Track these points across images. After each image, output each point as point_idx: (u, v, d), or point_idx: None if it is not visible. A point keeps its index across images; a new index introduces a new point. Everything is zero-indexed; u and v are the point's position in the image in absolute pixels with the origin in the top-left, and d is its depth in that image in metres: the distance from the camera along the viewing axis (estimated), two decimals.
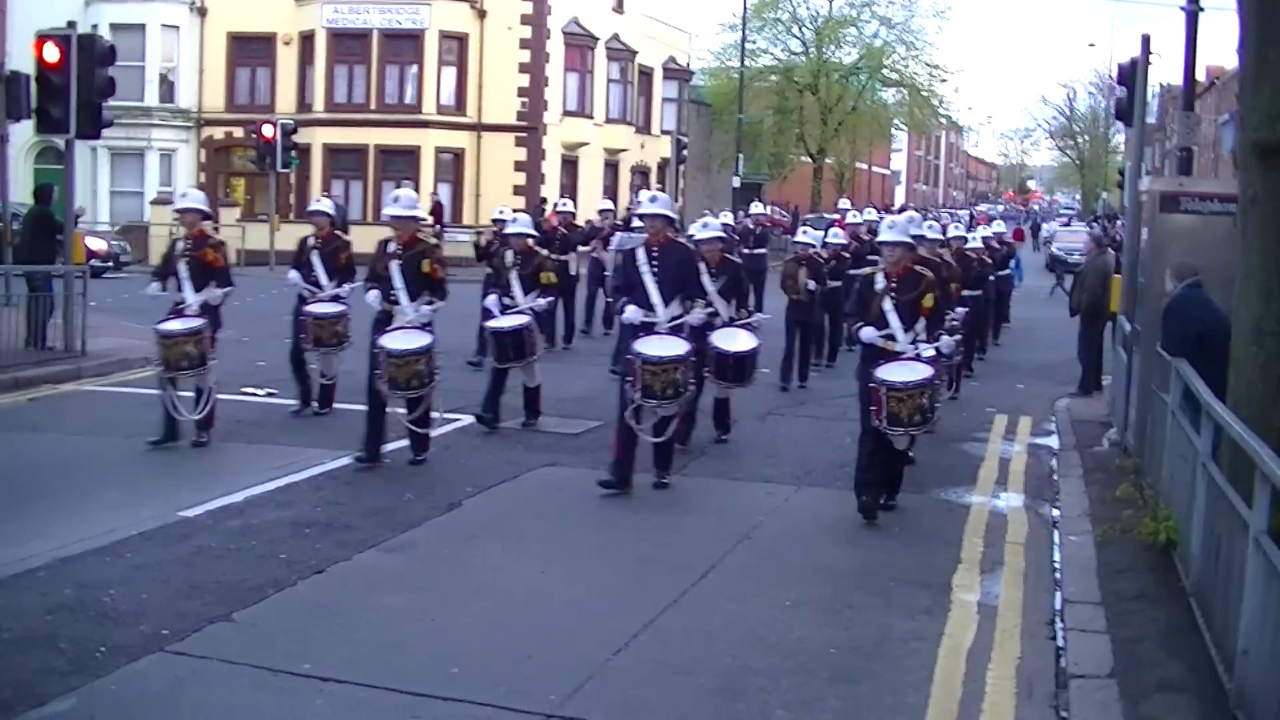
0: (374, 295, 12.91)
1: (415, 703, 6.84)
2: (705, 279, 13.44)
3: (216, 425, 13.66)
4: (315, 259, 15.38)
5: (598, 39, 50.99)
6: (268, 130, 35.50)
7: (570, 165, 50.34)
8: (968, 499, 12.16)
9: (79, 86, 18.33)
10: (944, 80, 67.64)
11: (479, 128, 47.73)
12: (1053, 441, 15.30)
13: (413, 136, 46.36)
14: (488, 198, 45.24)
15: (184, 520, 10.37)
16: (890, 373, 10.85)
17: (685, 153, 52.33)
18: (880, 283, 11.24)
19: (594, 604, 8.70)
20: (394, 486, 11.91)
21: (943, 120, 77.92)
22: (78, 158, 42.84)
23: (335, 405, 15.41)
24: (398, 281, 12.81)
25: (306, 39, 47.02)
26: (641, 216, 12.68)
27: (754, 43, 61.55)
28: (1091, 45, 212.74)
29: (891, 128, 74.14)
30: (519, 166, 47.95)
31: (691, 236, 14.74)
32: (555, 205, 25.90)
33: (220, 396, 13.73)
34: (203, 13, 47.77)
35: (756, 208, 30.83)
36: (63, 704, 6.68)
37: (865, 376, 11.07)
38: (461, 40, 47.17)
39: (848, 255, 20.85)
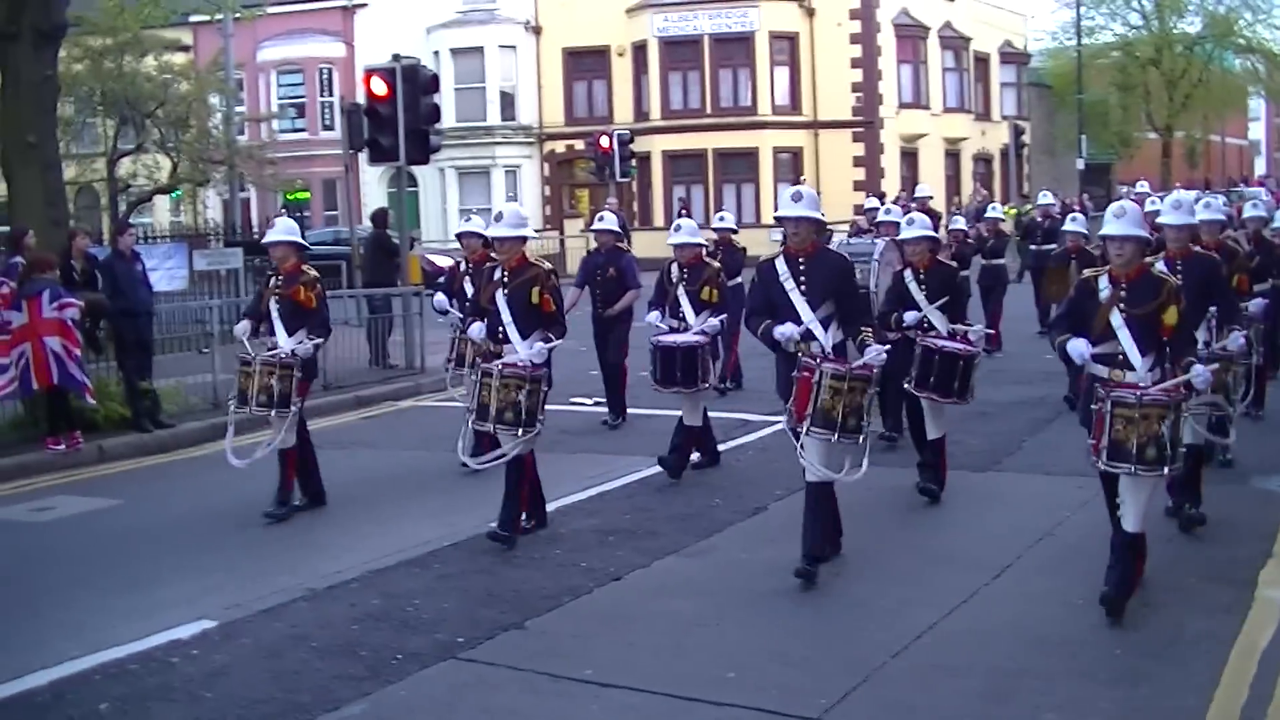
0: (477, 329, 10.70)
1: (686, 707, 6.99)
2: (912, 286, 11.45)
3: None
4: (469, 286, 12.94)
5: (929, 28, 50.50)
6: (604, 141, 36.32)
7: (910, 157, 49.97)
8: None
9: (406, 116, 19.20)
10: None
11: (815, 125, 47.92)
12: None
13: (749, 138, 46.88)
14: (828, 195, 45.25)
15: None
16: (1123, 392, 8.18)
17: (1026, 137, 51.26)
18: (1105, 288, 8.44)
19: (881, 604, 8.70)
20: (703, 492, 12.11)
21: None
22: (427, 179, 45.62)
23: (659, 411, 15.39)
24: (505, 315, 10.43)
25: (639, 49, 48.08)
26: (781, 220, 9.55)
27: (1092, 19, 59.55)
28: None
29: (1246, 97, 70.65)
30: (858, 162, 47.92)
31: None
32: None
33: (550, 407, 12.10)
34: (538, 31, 49.44)
35: (1045, 197, 27.07)
36: (355, 708, 7.11)
37: (1085, 408, 8.52)
38: (792, 39, 47.50)
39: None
